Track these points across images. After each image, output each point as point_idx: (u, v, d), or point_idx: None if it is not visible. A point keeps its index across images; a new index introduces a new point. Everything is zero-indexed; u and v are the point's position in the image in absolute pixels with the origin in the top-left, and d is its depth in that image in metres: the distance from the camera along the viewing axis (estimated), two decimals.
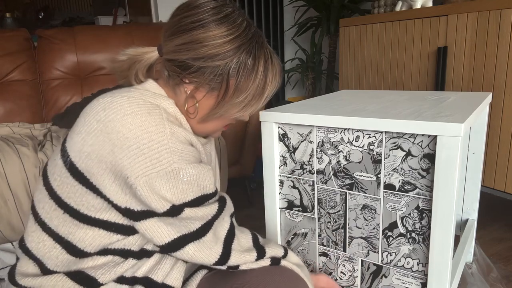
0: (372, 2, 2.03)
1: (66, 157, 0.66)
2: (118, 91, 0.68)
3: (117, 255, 0.71)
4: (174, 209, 0.66)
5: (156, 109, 0.65)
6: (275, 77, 0.74)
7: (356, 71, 2.03)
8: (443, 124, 0.73)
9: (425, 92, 1.26)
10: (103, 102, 0.65)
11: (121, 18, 3.58)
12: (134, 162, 0.62)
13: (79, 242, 0.68)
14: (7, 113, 1.82)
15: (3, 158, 1.33)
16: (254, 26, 0.72)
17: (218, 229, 0.72)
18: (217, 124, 0.76)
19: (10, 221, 1.35)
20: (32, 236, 0.71)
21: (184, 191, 0.66)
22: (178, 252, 0.69)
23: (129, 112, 0.63)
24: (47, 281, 0.69)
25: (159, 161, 0.63)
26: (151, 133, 0.62)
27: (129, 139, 0.62)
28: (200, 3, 0.69)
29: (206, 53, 0.67)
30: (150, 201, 0.64)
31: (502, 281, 1.24)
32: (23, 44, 1.91)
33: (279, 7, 3.07)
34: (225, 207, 0.74)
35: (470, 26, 1.45)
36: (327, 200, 0.94)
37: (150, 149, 0.62)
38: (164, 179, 0.63)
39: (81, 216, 0.67)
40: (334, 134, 0.89)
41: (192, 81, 0.69)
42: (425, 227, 0.82)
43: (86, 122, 0.65)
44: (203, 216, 0.69)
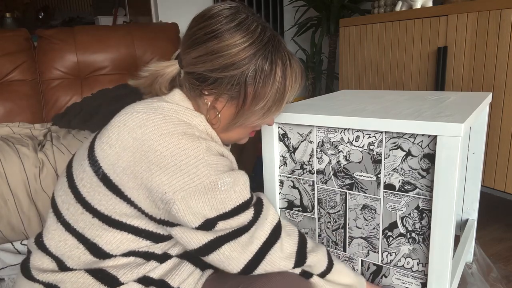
0: (372, 2, 2.03)
1: (98, 168, 0.66)
2: (151, 106, 0.68)
3: (140, 257, 0.71)
4: (208, 222, 0.65)
5: (190, 128, 0.67)
6: (295, 80, 0.73)
7: (356, 71, 2.03)
8: (443, 124, 0.73)
9: (425, 92, 1.26)
10: (138, 118, 0.65)
11: (121, 18, 3.58)
12: (172, 178, 0.62)
13: (106, 244, 0.68)
14: (7, 113, 1.82)
15: (3, 158, 1.33)
16: (270, 29, 0.71)
17: (258, 231, 0.69)
18: (241, 132, 0.77)
19: (10, 221, 1.35)
20: (53, 234, 0.71)
21: (222, 201, 0.66)
22: (210, 255, 0.67)
23: (166, 132, 0.64)
24: (68, 277, 0.69)
25: (197, 175, 0.63)
26: (188, 150, 0.63)
27: (167, 157, 0.62)
28: (213, 13, 0.69)
29: (221, 64, 0.67)
30: (184, 216, 0.64)
31: (502, 281, 1.24)
32: (23, 44, 1.91)
33: (279, 7, 3.07)
34: (262, 209, 0.72)
35: (470, 26, 1.45)
36: (327, 200, 0.94)
37: (188, 164, 0.63)
38: (203, 192, 0.64)
39: (111, 221, 0.68)
40: (334, 134, 0.89)
41: (211, 93, 0.70)
42: (425, 227, 0.82)
43: (120, 137, 0.65)
44: (238, 226, 0.68)
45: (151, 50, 2.10)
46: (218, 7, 0.70)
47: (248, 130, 0.78)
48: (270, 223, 0.71)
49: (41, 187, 1.36)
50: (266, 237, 0.70)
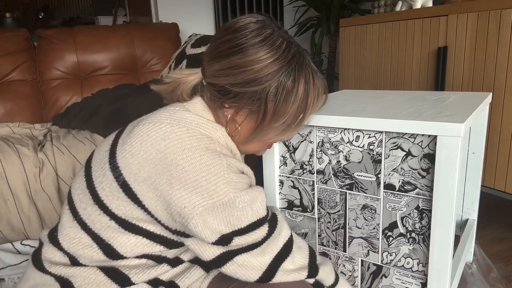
0: (372, 2, 2.03)
1: (119, 175, 0.66)
2: (174, 116, 0.68)
3: (152, 260, 0.72)
4: (224, 239, 0.66)
5: (212, 143, 0.67)
6: (317, 99, 0.72)
7: (356, 71, 2.03)
8: (443, 124, 0.73)
9: (425, 92, 1.26)
10: (162, 130, 0.65)
11: (121, 18, 3.58)
12: (191, 194, 0.63)
13: (120, 247, 0.69)
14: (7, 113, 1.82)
15: (3, 158, 1.33)
16: (296, 45, 0.70)
17: (270, 245, 0.71)
18: (259, 145, 0.77)
19: (10, 221, 1.35)
20: (68, 231, 0.71)
21: (238, 218, 0.66)
22: (224, 267, 0.69)
23: (189, 147, 0.64)
24: (80, 272, 0.69)
25: (216, 192, 0.64)
26: (209, 166, 0.64)
27: (188, 172, 0.63)
28: (239, 26, 0.68)
29: (244, 79, 0.66)
30: (201, 231, 0.64)
31: (502, 281, 1.24)
32: (23, 44, 1.91)
33: (279, 7, 3.07)
34: (277, 225, 0.72)
35: (470, 26, 1.45)
36: (327, 200, 0.94)
37: (208, 181, 0.63)
38: (220, 209, 0.64)
39: (128, 225, 0.68)
40: (334, 134, 0.89)
41: (232, 106, 0.70)
42: (425, 227, 0.82)
43: (143, 148, 0.65)
44: (252, 241, 0.69)
45: (151, 50, 2.10)
46: (244, 20, 0.69)
47: (266, 143, 0.78)
48: (283, 238, 0.73)
49: (41, 187, 1.36)
50: (278, 251, 0.71)
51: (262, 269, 0.70)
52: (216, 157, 0.65)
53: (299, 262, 0.74)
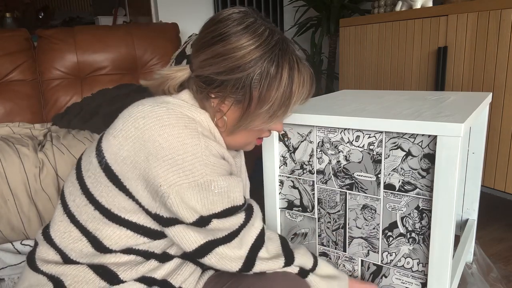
0: (372, 2, 2.03)
1: (102, 158, 0.67)
2: (158, 101, 0.69)
3: (140, 255, 0.72)
4: (203, 220, 0.67)
5: (192, 123, 0.67)
6: (302, 85, 0.72)
7: (356, 71, 2.03)
8: (443, 124, 0.73)
9: (425, 92, 1.26)
10: (143, 110, 0.66)
11: (121, 18, 3.58)
12: (168, 171, 0.63)
13: (105, 239, 0.70)
14: (7, 113, 1.82)
15: (3, 158, 1.33)
16: (279, 33, 0.71)
17: (246, 236, 0.72)
18: (246, 136, 0.76)
19: (10, 221, 1.35)
20: (59, 226, 0.72)
21: (214, 203, 0.67)
22: (205, 258, 0.70)
23: (167, 123, 0.64)
24: (70, 270, 0.70)
25: (192, 173, 0.64)
26: (187, 145, 0.64)
27: (165, 149, 0.63)
28: (222, 17, 0.69)
29: (227, 67, 0.67)
30: (179, 210, 0.65)
31: (502, 281, 1.24)
32: (23, 44, 1.91)
33: (279, 7, 3.07)
34: (252, 215, 0.74)
35: (470, 26, 1.45)
36: (327, 200, 0.94)
37: (184, 160, 0.64)
38: (196, 190, 0.65)
39: (111, 215, 0.69)
40: (334, 134, 0.89)
41: (217, 95, 0.70)
42: (425, 227, 0.82)
43: (124, 127, 0.66)
44: (230, 227, 0.70)
45: (151, 50, 2.10)
46: (228, 11, 0.70)
47: (254, 135, 0.78)
48: (255, 230, 0.74)
49: (41, 187, 1.36)
50: (252, 242, 0.73)
51: (241, 260, 0.71)
52: (195, 136, 0.66)
53: (273, 250, 0.77)
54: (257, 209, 0.77)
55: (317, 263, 0.82)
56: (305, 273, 0.79)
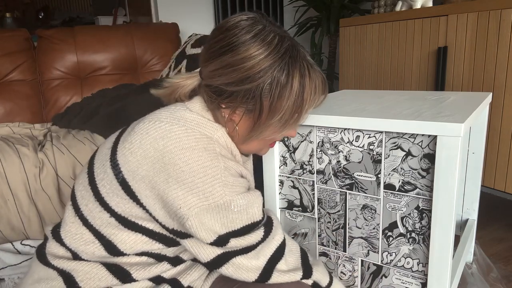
0: (372, 2, 2.03)
1: (118, 172, 0.67)
2: (174, 115, 0.68)
3: (153, 258, 0.72)
4: (220, 239, 0.67)
5: (211, 144, 0.67)
6: (314, 91, 0.70)
7: (356, 71, 2.03)
8: (443, 124, 0.73)
9: (425, 92, 1.26)
10: (161, 129, 0.65)
11: (121, 18, 3.58)
12: (187, 194, 0.63)
13: (120, 243, 0.69)
14: (7, 113, 1.82)
15: (3, 158, 1.33)
16: (289, 39, 0.69)
17: (264, 248, 0.72)
18: (259, 144, 0.76)
19: (10, 221, 1.35)
20: (70, 227, 0.71)
21: (233, 221, 0.67)
22: (222, 268, 0.70)
23: (187, 146, 0.64)
24: (82, 266, 0.70)
25: (212, 194, 0.64)
26: (206, 168, 0.64)
27: (185, 173, 0.63)
28: (230, 25, 0.68)
29: (237, 77, 0.66)
30: (197, 232, 0.65)
31: (502, 281, 1.24)
32: (23, 44, 1.91)
33: (279, 7, 3.07)
34: (271, 230, 0.74)
35: (470, 26, 1.45)
36: (327, 200, 0.94)
37: (204, 182, 0.64)
38: (215, 211, 0.65)
39: (128, 223, 0.69)
40: (334, 134, 0.89)
41: (228, 106, 0.69)
42: (425, 227, 0.82)
43: (142, 145, 0.65)
44: (248, 244, 0.70)
45: (151, 50, 2.10)
46: (235, 19, 0.68)
47: (267, 142, 0.77)
48: (276, 242, 0.74)
49: (41, 187, 1.36)
50: (271, 254, 0.72)
51: (258, 271, 0.71)
52: (214, 158, 0.65)
53: (292, 263, 0.76)
54: (276, 222, 0.76)
55: (332, 283, 0.81)
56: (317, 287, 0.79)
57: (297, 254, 0.78)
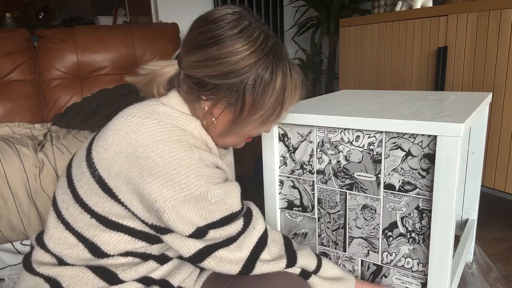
0: (372, 2, 2.03)
1: (94, 170, 0.67)
2: (147, 109, 0.68)
3: (138, 257, 0.72)
4: (199, 231, 0.66)
5: (184, 135, 0.66)
6: (294, 91, 0.72)
7: (356, 71, 2.03)
8: (443, 124, 0.73)
9: (425, 92, 1.26)
10: (133, 123, 0.65)
11: (121, 18, 3.58)
12: (162, 187, 0.63)
13: (103, 245, 0.69)
14: (7, 113, 1.82)
15: (3, 158, 1.33)
16: (273, 37, 0.70)
17: (246, 240, 0.72)
18: (237, 138, 0.76)
19: (10, 221, 1.35)
20: (53, 232, 0.71)
21: (211, 212, 0.67)
22: (204, 262, 0.69)
23: (159, 139, 0.64)
24: (67, 271, 0.70)
25: (187, 186, 0.64)
26: (180, 159, 0.64)
27: (159, 165, 0.63)
28: (216, 17, 0.68)
29: (221, 71, 0.66)
30: (175, 224, 0.65)
31: (502, 281, 1.24)
32: (23, 44, 1.91)
33: (279, 7, 3.07)
34: (251, 220, 0.73)
35: (470, 26, 1.45)
36: (327, 200, 0.94)
37: (179, 174, 0.63)
38: (192, 202, 0.65)
39: (108, 222, 0.68)
40: (334, 134, 0.89)
41: (209, 98, 0.69)
42: (425, 227, 0.82)
43: (115, 141, 0.65)
44: (227, 235, 0.69)
45: (151, 50, 2.10)
46: (221, 11, 0.68)
47: (244, 137, 0.78)
48: (257, 232, 0.73)
49: (41, 187, 1.36)
50: (254, 245, 0.72)
51: (241, 262, 0.71)
52: (188, 149, 0.65)
53: (276, 252, 0.76)
54: (256, 212, 0.76)
55: (321, 265, 0.81)
56: (307, 274, 0.79)
57: (280, 243, 0.78)
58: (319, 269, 0.80)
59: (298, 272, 0.77)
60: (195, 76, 0.68)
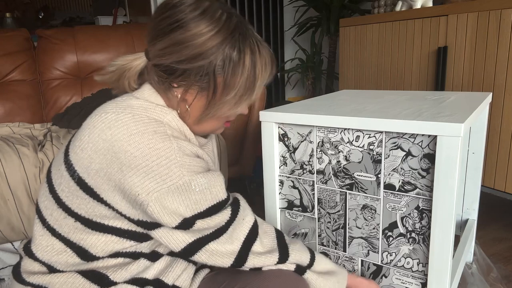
0: (372, 2, 2.03)
1: (73, 172, 0.66)
2: (120, 105, 0.67)
3: (128, 257, 0.71)
4: (186, 222, 0.65)
5: (161, 126, 0.65)
6: (265, 67, 0.71)
7: (356, 71, 2.03)
8: (443, 124, 0.73)
9: (425, 92, 1.26)
10: (108, 119, 0.64)
11: (121, 18, 3.58)
12: (144, 179, 0.62)
13: (91, 247, 0.68)
14: (7, 113, 1.82)
15: (3, 158, 1.33)
16: (237, 16, 0.69)
17: (237, 231, 0.70)
18: (214, 123, 0.75)
19: (10, 221, 1.35)
20: (40, 240, 0.70)
21: (197, 202, 0.66)
22: (195, 256, 0.68)
23: (135, 132, 0.63)
24: (58, 278, 0.69)
25: (169, 176, 0.63)
26: (159, 150, 0.63)
27: (138, 158, 0.62)
28: (176, 2, 0.67)
29: (188, 55, 0.65)
30: (160, 217, 0.64)
31: (502, 281, 1.24)
32: (23, 44, 1.91)
33: (279, 7, 3.07)
34: (239, 209, 0.72)
35: (470, 26, 1.45)
36: (327, 200, 0.94)
37: (160, 165, 0.62)
38: (176, 192, 0.64)
39: (93, 224, 0.67)
40: (334, 134, 0.89)
41: (181, 85, 0.68)
42: (425, 227, 0.82)
43: (91, 139, 0.64)
44: (216, 225, 0.68)
45: None
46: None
47: (222, 121, 0.76)
48: (248, 224, 0.72)
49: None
50: (245, 236, 0.71)
51: (233, 255, 0.70)
52: (166, 140, 0.64)
53: (268, 244, 0.75)
54: (244, 202, 0.75)
55: (314, 259, 0.80)
56: (302, 270, 0.78)
57: (272, 235, 0.77)
58: (312, 263, 0.79)
59: (293, 268, 0.76)
60: (163, 64, 0.67)
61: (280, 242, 0.77)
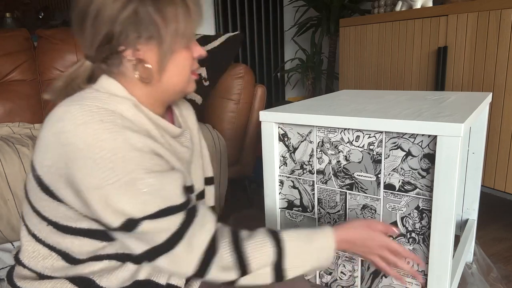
0: (372, 2, 2.03)
1: (34, 171, 0.63)
2: (73, 97, 0.64)
3: (113, 259, 0.68)
4: (130, 223, 0.60)
5: (111, 115, 0.61)
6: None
7: (356, 71, 2.03)
8: (443, 124, 0.73)
9: (425, 92, 1.26)
10: (58, 112, 0.61)
11: None
12: (87, 175, 0.57)
13: (69, 250, 0.67)
14: (7, 113, 1.82)
15: (3, 158, 1.33)
16: None
17: (195, 239, 0.64)
18: (178, 73, 0.70)
19: (10, 221, 1.35)
20: (27, 247, 0.69)
21: (144, 202, 0.59)
22: (155, 262, 0.64)
23: (81, 122, 0.58)
24: (45, 284, 0.68)
25: (114, 171, 0.57)
26: (104, 142, 0.57)
27: (82, 150, 0.57)
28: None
29: (113, 12, 0.61)
30: (102, 216, 0.59)
31: (502, 281, 1.24)
32: (23, 44, 1.91)
33: (279, 7, 3.07)
34: (195, 214, 0.65)
35: (470, 26, 1.45)
36: (327, 200, 0.94)
37: (103, 158, 0.57)
38: (121, 190, 0.58)
39: (62, 228, 0.65)
40: (334, 134, 0.89)
41: (127, 46, 0.64)
42: (425, 227, 0.82)
43: (43, 135, 0.61)
44: (168, 228, 0.62)
45: None
46: None
47: (185, 69, 0.70)
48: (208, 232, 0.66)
49: None
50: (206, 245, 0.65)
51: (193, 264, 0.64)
52: (113, 131, 0.59)
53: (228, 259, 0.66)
54: (204, 210, 0.68)
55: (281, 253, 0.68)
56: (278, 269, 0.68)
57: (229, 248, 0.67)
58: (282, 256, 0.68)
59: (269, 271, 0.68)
60: (100, 45, 0.64)
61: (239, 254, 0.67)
